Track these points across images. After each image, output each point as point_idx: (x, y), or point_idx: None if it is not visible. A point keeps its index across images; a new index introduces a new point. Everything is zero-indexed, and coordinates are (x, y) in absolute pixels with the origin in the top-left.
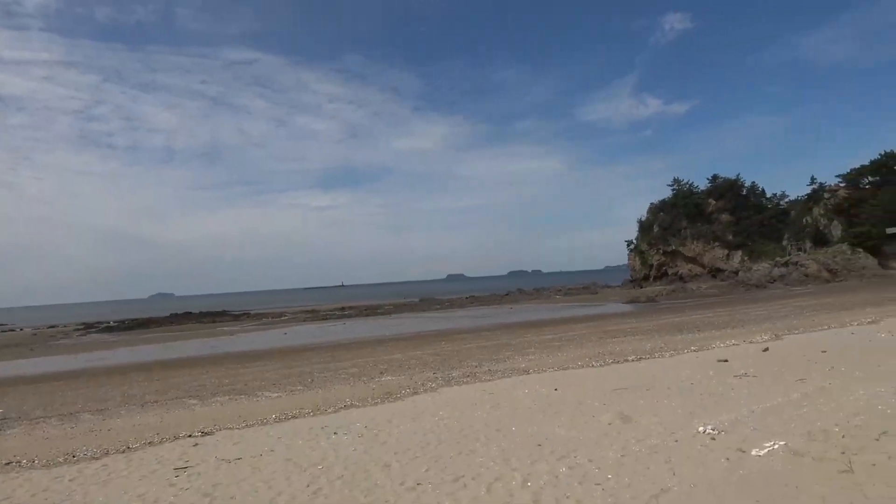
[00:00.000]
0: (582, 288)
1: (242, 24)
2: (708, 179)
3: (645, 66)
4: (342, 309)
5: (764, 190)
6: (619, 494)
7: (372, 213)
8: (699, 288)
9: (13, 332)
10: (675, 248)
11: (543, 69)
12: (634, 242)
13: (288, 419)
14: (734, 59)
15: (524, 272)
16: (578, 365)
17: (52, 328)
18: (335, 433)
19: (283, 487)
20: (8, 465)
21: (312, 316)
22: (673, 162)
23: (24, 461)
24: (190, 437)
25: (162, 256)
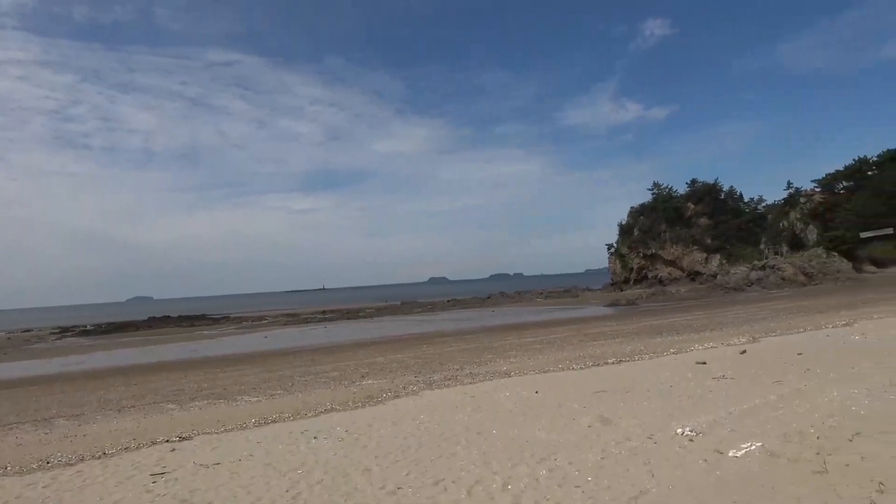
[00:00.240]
0: (563, 291)
1: (223, 24)
2: (687, 184)
3: (625, 71)
4: (323, 312)
5: (742, 194)
6: (598, 497)
7: (353, 215)
8: (678, 291)
9: None
10: (654, 251)
11: (525, 73)
12: (615, 246)
13: (268, 423)
14: (713, 65)
15: (506, 275)
16: (559, 368)
17: (26, 332)
18: (315, 437)
19: (262, 493)
20: None
21: (293, 319)
22: (653, 166)
23: None
24: (167, 442)
25: (140, 259)
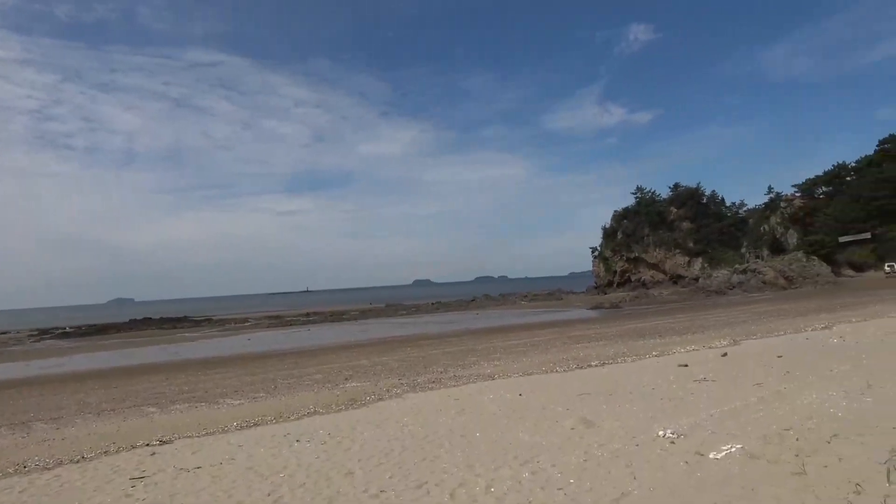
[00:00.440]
0: (547, 294)
1: (206, 24)
2: (670, 188)
3: (610, 75)
4: (307, 314)
5: (723, 199)
6: (580, 499)
7: (338, 217)
8: (661, 294)
9: None
10: (637, 254)
11: (510, 77)
12: (599, 249)
13: (250, 427)
14: (697, 70)
15: (490, 278)
16: (543, 370)
17: (3, 334)
18: (298, 440)
19: (243, 496)
20: None
21: (277, 322)
22: (637, 170)
23: None
24: (148, 445)
25: (121, 260)
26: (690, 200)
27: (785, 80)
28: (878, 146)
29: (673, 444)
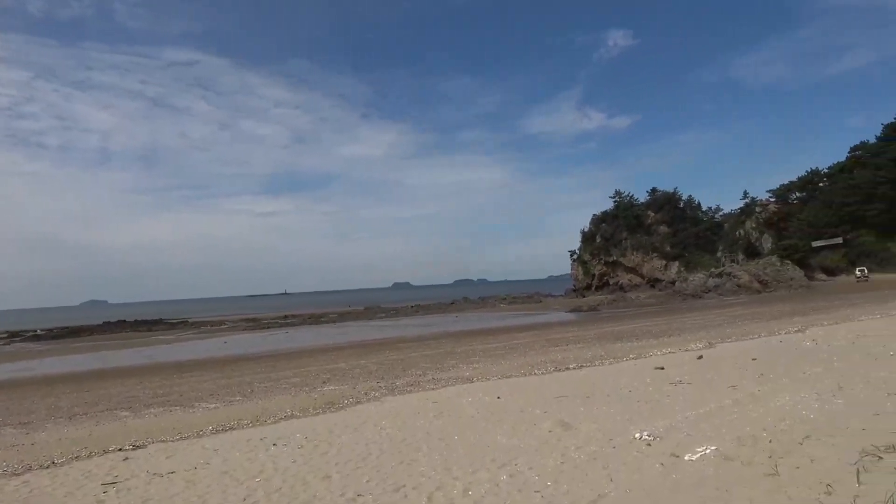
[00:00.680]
0: (526, 297)
1: (183, 23)
2: (648, 192)
3: (589, 80)
4: (285, 317)
5: (700, 203)
6: (557, 501)
7: (318, 219)
8: (638, 297)
9: None
10: (616, 258)
11: (490, 81)
12: (577, 253)
13: (225, 431)
14: (675, 76)
15: (470, 281)
16: (521, 373)
17: None
18: (274, 444)
19: (218, 501)
20: None
21: (254, 324)
22: (615, 174)
23: None
24: (120, 450)
25: (95, 262)
26: (668, 205)
27: (760, 87)
28: (849, 153)
29: (649, 446)
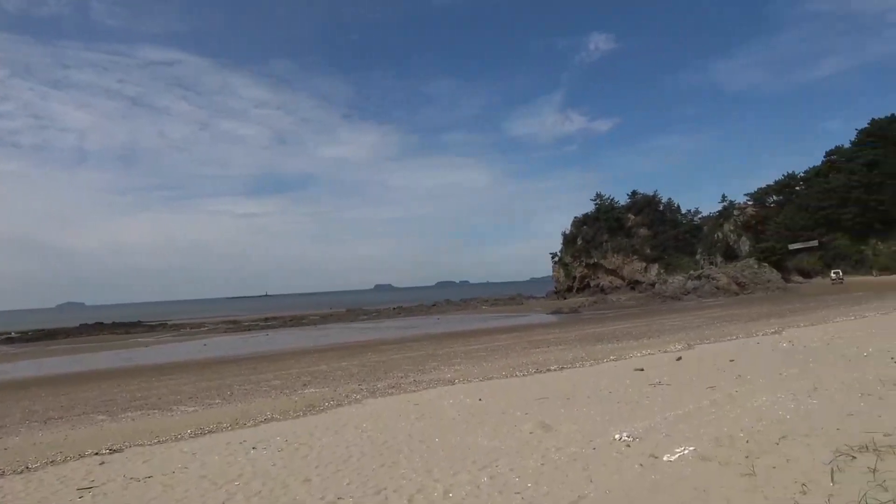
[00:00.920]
0: (508, 299)
1: (163, 22)
2: (628, 195)
3: (571, 83)
4: (266, 319)
5: (679, 206)
6: (537, 502)
7: (299, 221)
8: (619, 299)
9: None
10: (596, 260)
11: (472, 83)
12: (559, 255)
13: (204, 434)
14: (655, 80)
15: (452, 283)
16: (503, 375)
17: None
18: (254, 448)
19: None
20: None
21: (234, 327)
22: (596, 177)
23: None
24: (97, 455)
25: (72, 263)
26: (648, 208)
27: (738, 92)
28: (825, 157)
29: (628, 447)
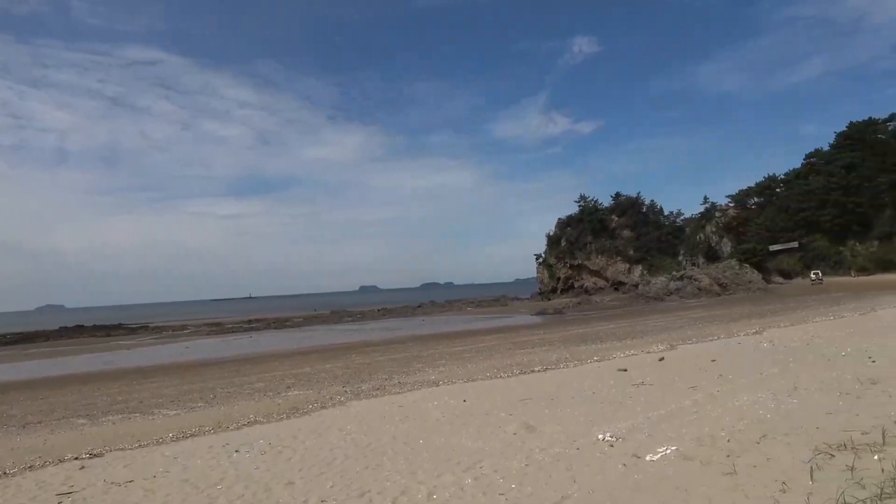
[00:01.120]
0: (493, 300)
1: (144, 21)
2: (612, 197)
3: (554, 85)
4: (249, 321)
5: (662, 208)
6: (521, 503)
7: (283, 222)
8: (603, 300)
9: None
10: (580, 261)
11: (457, 84)
12: (543, 256)
13: (186, 438)
14: (638, 82)
15: (437, 284)
16: (487, 376)
17: None
18: (237, 451)
19: None
20: None
21: (217, 329)
22: (580, 179)
23: None
24: (77, 459)
25: (51, 264)
26: (631, 209)
27: (719, 94)
28: (804, 160)
29: (612, 447)
